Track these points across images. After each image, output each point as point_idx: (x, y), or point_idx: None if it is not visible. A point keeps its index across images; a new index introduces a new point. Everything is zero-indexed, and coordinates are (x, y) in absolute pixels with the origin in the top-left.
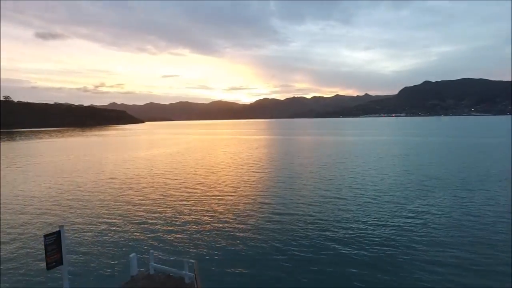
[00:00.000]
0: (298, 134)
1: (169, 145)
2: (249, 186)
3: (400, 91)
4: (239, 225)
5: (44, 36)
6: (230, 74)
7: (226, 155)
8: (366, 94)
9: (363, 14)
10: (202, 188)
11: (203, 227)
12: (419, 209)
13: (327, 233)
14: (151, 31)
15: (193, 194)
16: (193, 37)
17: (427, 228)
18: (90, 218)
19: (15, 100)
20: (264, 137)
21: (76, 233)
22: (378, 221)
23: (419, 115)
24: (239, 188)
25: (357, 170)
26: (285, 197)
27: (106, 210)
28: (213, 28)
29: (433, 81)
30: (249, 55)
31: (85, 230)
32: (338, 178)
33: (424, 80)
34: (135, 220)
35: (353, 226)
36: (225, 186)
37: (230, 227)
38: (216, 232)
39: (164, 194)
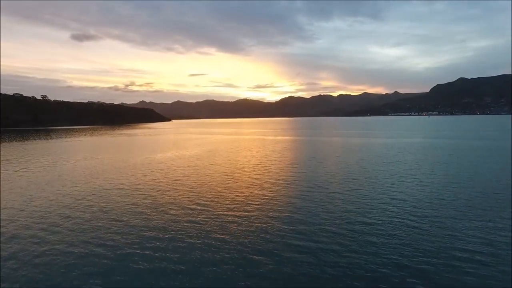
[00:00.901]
0: (325, 135)
1: (190, 147)
2: (271, 202)
3: (433, 89)
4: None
5: (79, 37)
6: (256, 72)
7: (248, 160)
8: (396, 92)
9: (393, 8)
10: (216, 204)
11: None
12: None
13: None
14: (179, 31)
15: (204, 212)
16: (220, 35)
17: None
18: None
19: (52, 99)
20: (289, 138)
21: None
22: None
23: (453, 114)
24: (259, 203)
25: (395, 180)
26: (319, 215)
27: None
28: (239, 26)
29: (469, 78)
30: (275, 53)
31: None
32: (373, 188)
33: (459, 77)
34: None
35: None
36: (242, 200)
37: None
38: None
39: (166, 211)
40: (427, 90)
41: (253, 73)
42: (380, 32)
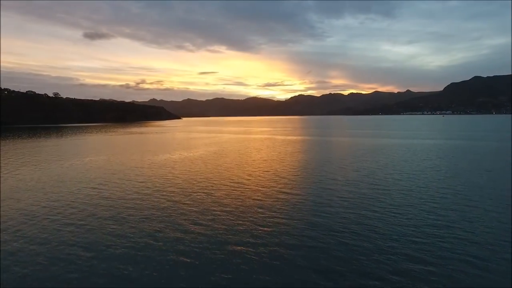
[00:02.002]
0: (339, 135)
1: (197, 146)
2: (281, 214)
3: (446, 87)
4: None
5: (91, 36)
6: (266, 71)
7: (258, 164)
8: (408, 91)
9: (406, 5)
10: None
11: None
12: None
13: None
14: (189, 29)
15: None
16: (229, 34)
17: None
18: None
19: (65, 97)
20: (301, 138)
21: None
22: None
23: (467, 113)
24: (270, 216)
25: (432, 192)
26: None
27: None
28: (249, 24)
29: (484, 76)
30: (285, 51)
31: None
32: (411, 205)
33: (474, 75)
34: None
35: None
36: (250, 209)
37: None
38: None
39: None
40: (441, 88)
41: (263, 71)
42: (392, 29)
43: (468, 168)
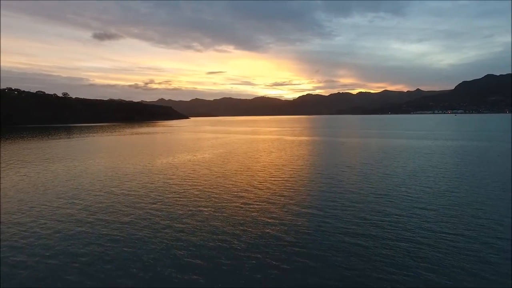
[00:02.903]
0: (352, 135)
1: (202, 148)
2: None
3: (458, 86)
4: None
5: (100, 36)
6: (273, 70)
7: (267, 169)
8: (418, 90)
9: (416, 3)
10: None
11: None
12: None
13: None
14: (197, 29)
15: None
16: (237, 33)
17: None
18: None
19: (74, 96)
20: (312, 139)
21: None
22: None
23: (479, 112)
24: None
25: (448, 200)
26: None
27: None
28: (257, 23)
29: (497, 74)
30: (292, 50)
31: None
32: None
33: (486, 74)
34: None
35: None
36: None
37: None
38: None
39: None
40: (452, 87)
41: (270, 70)
42: (401, 28)
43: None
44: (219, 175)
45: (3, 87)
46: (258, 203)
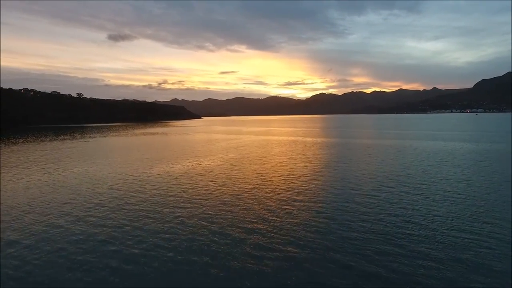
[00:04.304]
0: (374, 136)
1: (212, 152)
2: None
3: (477, 84)
4: None
5: (115, 37)
6: (286, 69)
7: (286, 179)
8: (434, 88)
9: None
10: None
11: None
12: None
13: None
14: (209, 29)
15: None
16: (249, 33)
17: None
18: None
19: (89, 97)
20: (333, 141)
21: None
22: None
23: (501, 111)
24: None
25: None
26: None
27: None
28: (269, 23)
29: None
30: (305, 49)
31: None
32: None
33: (507, 71)
34: None
35: None
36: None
37: None
38: None
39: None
40: (470, 85)
41: (283, 70)
42: (417, 25)
43: None
44: (228, 186)
45: (22, 87)
46: (275, 223)
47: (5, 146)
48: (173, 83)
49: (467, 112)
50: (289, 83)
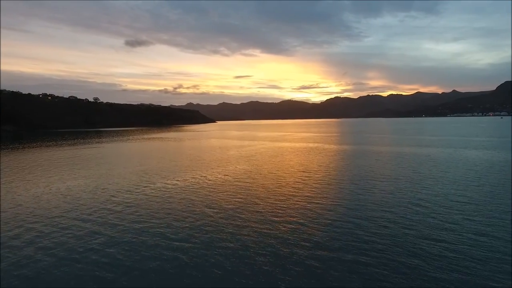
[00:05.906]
0: (404, 143)
1: (223, 163)
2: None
3: (499, 86)
4: None
5: (132, 43)
6: (300, 73)
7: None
8: (454, 91)
9: (451, 1)
10: None
11: None
12: None
13: None
14: (224, 33)
15: None
16: (263, 37)
17: None
18: None
19: (107, 101)
20: (346, 148)
21: None
22: None
23: None
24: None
25: None
26: None
27: None
28: (283, 26)
29: None
30: (320, 53)
31: None
32: None
33: None
34: None
35: None
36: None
37: None
38: None
39: None
40: (493, 88)
41: (297, 73)
42: (435, 27)
43: None
44: (234, 216)
45: (40, 92)
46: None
47: (19, 151)
48: (188, 88)
49: (490, 115)
50: (304, 87)
